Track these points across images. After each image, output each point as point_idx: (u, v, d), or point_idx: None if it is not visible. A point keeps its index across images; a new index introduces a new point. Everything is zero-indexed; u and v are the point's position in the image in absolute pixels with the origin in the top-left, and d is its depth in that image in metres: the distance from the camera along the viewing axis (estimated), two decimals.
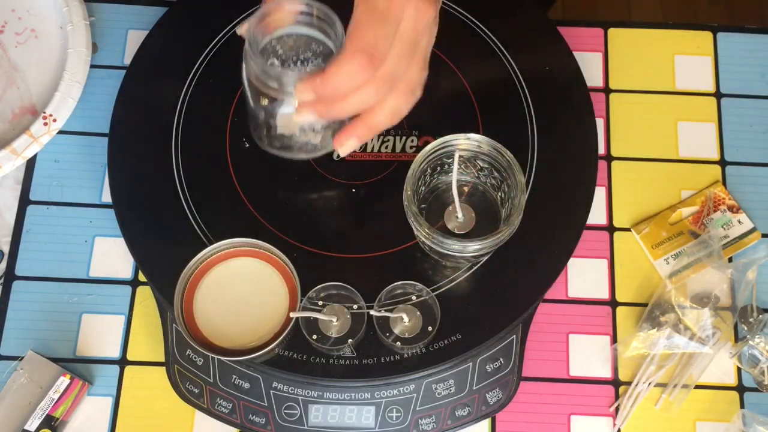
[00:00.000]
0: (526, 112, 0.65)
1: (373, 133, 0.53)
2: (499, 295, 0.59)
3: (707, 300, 0.62)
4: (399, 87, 0.51)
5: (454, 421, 0.58)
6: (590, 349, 0.62)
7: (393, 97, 0.51)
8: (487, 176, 0.59)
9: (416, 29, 0.50)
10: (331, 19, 0.52)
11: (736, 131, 0.69)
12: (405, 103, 0.53)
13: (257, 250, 0.57)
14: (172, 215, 0.61)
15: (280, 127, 0.57)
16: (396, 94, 0.51)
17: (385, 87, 0.50)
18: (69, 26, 0.67)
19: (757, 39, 0.72)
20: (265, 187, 0.62)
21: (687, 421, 0.60)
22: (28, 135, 0.63)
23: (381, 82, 0.49)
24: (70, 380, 0.57)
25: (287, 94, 0.52)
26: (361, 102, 0.50)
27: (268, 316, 0.55)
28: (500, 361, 0.59)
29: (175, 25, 0.68)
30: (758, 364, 0.61)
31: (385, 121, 0.53)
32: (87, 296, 0.63)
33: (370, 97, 0.50)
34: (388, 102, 0.52)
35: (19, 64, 0.67)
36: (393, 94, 0.51)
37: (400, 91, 0.52)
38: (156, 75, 0.66)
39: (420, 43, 0.51)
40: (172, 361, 0.60)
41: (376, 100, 0.50)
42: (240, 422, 0.58)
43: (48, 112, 0.64)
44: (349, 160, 0.63)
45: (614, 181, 0.67)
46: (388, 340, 0.56)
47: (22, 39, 0.68)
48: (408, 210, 0.55)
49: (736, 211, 0.65)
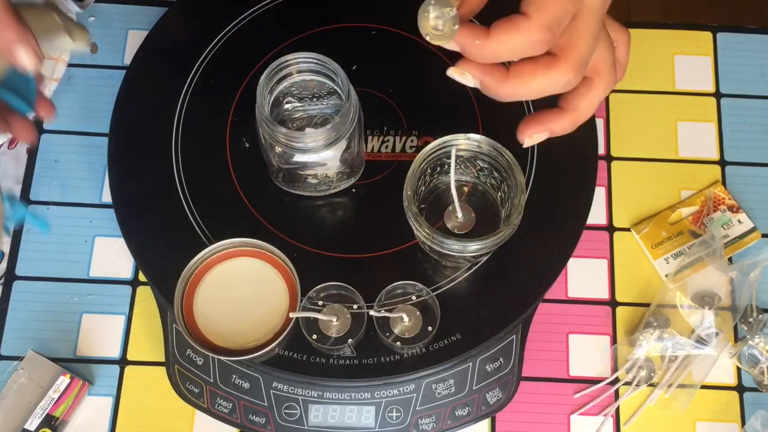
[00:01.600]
0: (526, 112, 0.65)
1: (573, 127, 0.47)
2: (499, 295, 0.59)
3: (708, 300, 0.62)
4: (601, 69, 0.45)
5: (454, 421, 0.58)
6: (590, 349, 0.62)
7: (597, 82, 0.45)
8: (487, 176, 0.59)
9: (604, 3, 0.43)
10: (335, 71, 0.54)
11: (736, 131, 0.69)
12: (605, 89, 0.46)
13: (257, 250, 0.57)
14: (172, 215, 0.61)
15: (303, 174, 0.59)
16: (600, 79, 0.45)
17: (581, 72, 0.43)
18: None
19: (757, 39, 0.72)
20: (265, 187, 0.62)
21: (687, 421, 0.60)
22: (48, 58, 0.63)
23: (575, 66, 0.43)
24: (70, 380, 0.58)
25: (298, 150, 0.54)
26: (549, 88, 0.44)
27: (268, 316, 0.55)
28: (500, 361, 0.59)
29: (175, 25, 0.68)
30: (758, 364, 0.61)
31: (589, 110, 0.46)
32: (87, 296, 0.63)
33: (560, 84, 0.43)
34: (594, 89, 0.45)
35: None
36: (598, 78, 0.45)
37: (604, 74, 0.45)
38: (156, 75, 0.66)
39: (603, 16, 0.44)
40: (172, 361, 0.60)
41: (567, 88, 0.44)
42: (240, 422, 0.58)
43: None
44: None
45: (614, 181, 0.67)
46: (388, 340, 0.56)
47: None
48: (408, 210, 0.55)
49: (736, 210, 0.65)
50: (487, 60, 0.43)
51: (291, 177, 0.60)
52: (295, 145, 0.54)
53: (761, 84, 0.70)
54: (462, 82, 0.45)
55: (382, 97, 0.65)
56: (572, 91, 0.45)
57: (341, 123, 0.54)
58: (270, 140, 0.55)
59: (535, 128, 0.46)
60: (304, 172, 0.58)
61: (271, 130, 0.53)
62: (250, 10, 0.68)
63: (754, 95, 0.70)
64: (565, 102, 0.46)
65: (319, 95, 0.58)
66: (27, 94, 0.52)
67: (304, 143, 0.54)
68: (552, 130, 0.47)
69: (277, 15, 0.68)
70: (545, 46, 0.42)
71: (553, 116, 0.46)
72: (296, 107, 0.59)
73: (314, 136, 0.53)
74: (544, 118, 0.46)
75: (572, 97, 0.46)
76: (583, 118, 0.46)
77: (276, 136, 0.53)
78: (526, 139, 0.47)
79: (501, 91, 0.44)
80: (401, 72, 0.66)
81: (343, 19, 0.68)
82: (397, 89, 0.65)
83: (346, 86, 0.54)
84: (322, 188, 0.61)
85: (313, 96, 0.58)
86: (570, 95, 0.46)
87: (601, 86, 0.45)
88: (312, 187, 0.61)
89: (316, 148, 0.54)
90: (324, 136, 0.54)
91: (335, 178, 0.60)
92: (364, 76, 0.64)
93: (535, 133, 0.47)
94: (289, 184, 0.61)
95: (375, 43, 0.67)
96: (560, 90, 0.44)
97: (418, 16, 0.41)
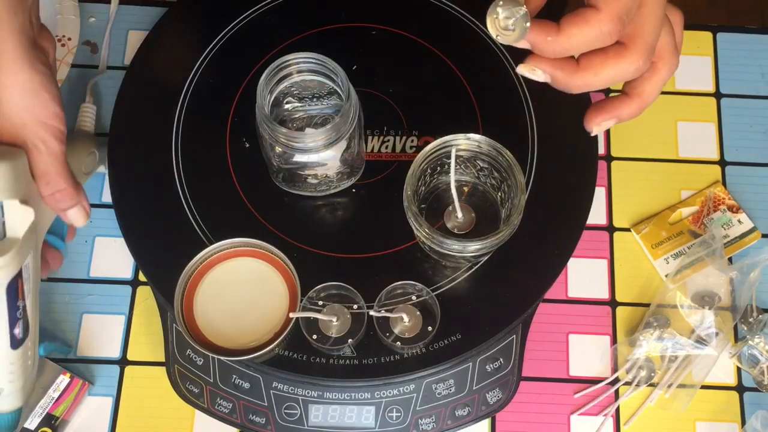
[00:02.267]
0: (526, 112, 0.65)
1: (640, 112, 0.48)
2: (499, 295, 0.59)
3: (708, 300, 0.62)
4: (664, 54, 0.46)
5: (454, 421, 0.58)
6: (590, 349, 0.62)
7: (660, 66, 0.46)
8: (487, 176, 0.59)
9: None
10: (335, 71, 0.54)
11: (736, 131, 0.69)
12: (669, 72, 0.47)
13: (257, 250, 0.57)
14: (172, 215, 0.61)
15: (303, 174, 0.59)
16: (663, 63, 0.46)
17: (649, 58, 0.44)
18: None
19: (757, 39, 0.72)
20: (265, 187, 0.62)
21: (687, 421, 0.60)
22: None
23: (644, 53, 0.43)
24: (70, 379, 0.58)
25: (298, 150, 0.54)
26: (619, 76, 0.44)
27: (268, 316, 0.55)
28: (500, 361, 0.59)
29: (175, 25, 0.68)
30: (758, 364, 0.61)
31: (654, 94, 0.47)
32: (87, 296, 0.63)
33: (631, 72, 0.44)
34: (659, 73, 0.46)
35: None
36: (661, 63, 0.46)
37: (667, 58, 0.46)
38: (156, 75, 0.66)
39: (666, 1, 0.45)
40: (172, 361, 0.60)
41: (637, 75, 0.45)
42: (240, 422, 0.58)
43: (59, 34, 0.66)
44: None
45: (614, 181, 0.67)
46: (388, 340, 0.56)
47: None
48: (408, 210, 0.55)
49: (736, 210, 0.65)
50: (558, 55, 0.43)
51: (291, 177, 0.60)
52: (295, 145, 0.54)
53: (761, 84, 0.70)
54: (532, 78, 0.45)
55: (382, 97, 0.65)
56: (638, 77, 0.46)
57: (341, 123, 0.54)
58: (270, 140, 0.55)
59: (604, 116, 0.48)
60: (304, 172, 0.58)
61: (271, 130, 0.53)
62: (250, 10, 0.68)
63: (754, 95, 0.70)
64: (630, 88, 0.47)
65: (319, 95, 0.58)
66: (61, 232, 0.60)
67: (304, 143, 0.54)
68: (620, 117, 0.48)
69: (277, 15, 0.68)
70: (616, 36, 0.42)
71: (620, 103, 0.47)
72: (296, 107, 0.59)
73: (314, 136, 0.53)
74: (612, 105, 0.47)
75: (638, 83, 0.47)
76: (649, 103, 0.47)
77: (276, 136, 0.53)
78: (595, 126, 0.48)
79: (572, 83, 0.44)
80: (401, 72, 0.66)
81: (343, 19, 0.68)
82: (397, 89, 0.65)
83: (346, 86, 0.54)
84: (322, 188, 0.61)
85: (313, 96, 0.58)
86: (636, 81, 0.47)
87: (665, 70, 0.46)
88: (312, 187, 0.61)
89: (316, 148, 0.54)
90: (324, 136, 0.54)
91: (335, 178, 0.60)
92: (364, 76, 0.64)
93: (603, 121, 0.48)
94: (289, 184, 0.61)
95: (375, 43, 0.67)
96: (630, 78, 0.45)
97: (487, 17, 0.41)
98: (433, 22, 0.67)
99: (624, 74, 0.44)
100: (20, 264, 0.49)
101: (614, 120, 0.48)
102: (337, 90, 0.57)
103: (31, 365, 0.53)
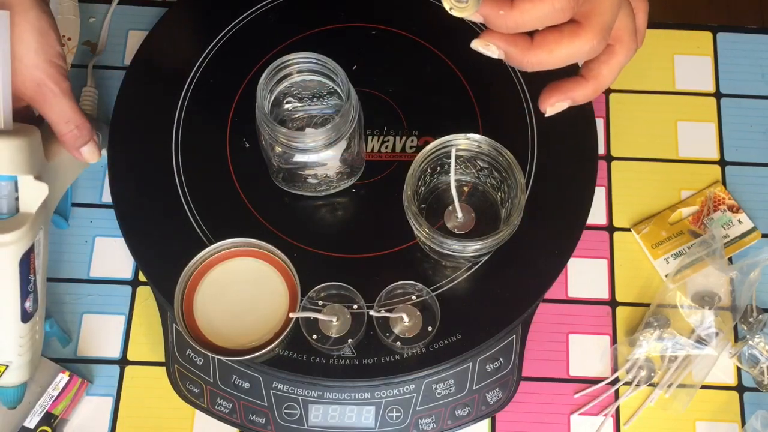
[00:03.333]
0: (526, 112, 0.65)
1: (596, 95, 0.47)
2: (499, 295, 0.59)
3: (708, 300, 0.62)
4: (622, 37, 0.45)
5: (454, 421, 0.58)
6: (590, 349, 0.62)
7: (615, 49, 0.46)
8: (487, 176, 0.59)
9: None
10: (335, 71, 0.54)
11: (736, 131, 0.69)
12: (627, 56, 0.46)
13: (257, 250, 0.57)
14: (172, 215, 0.61)
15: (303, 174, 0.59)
16: (621, 46, 0.45)
17: (605, 39, 0.44)
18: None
19: (757, 39, 0.72)
20: (265, 187, 0.62)
21: (687, 421, 0.60)
22: None
23: (599, 33, 0.43)
24: (69, 377, 0.58)
25: (298, 150, 0.54)
26: (573, 56, 0.44)
27: (268, 316, 0.55)
28: (500, 361, 0.59)
29: (175, 25, 0.68)
30: (758, 364, 0.61)
31: (611, 78, 0.46)
32: (87, 296, 0.63)
33: (585, 52, 0.43)
34: (616, 56, 0.46)
35: None
36: (619, 45, 0.46)
37: (625, 41, 0.45)
38: (156, 75, 0.66)
39: None
40: (172, 361, 0.60)
41: (592, 55, 0.44)
42: (240, 422, 0.58)
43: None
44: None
45: (614, 181, 0.67)
46: (388, 340, 0.56)
47: None
48: (408, 210, 0.55)
49: (736, 210, 0.65)
50: (511, 30, 0.43)
51: (291, 177, 0.60)
52: (295, 145, 0.54)
53: (761, 84, 0.70)
54: (486, 53, 0.44)
55: (382, 97, 0.65)
56: (594, 58, 0.45)
57: (341, 123, 0.54)
58: (270, 140, 0.55)
59: (558, 96, 0.47)
60: (304, 172, 0.58)
61: (271, 129, 0.53)
62: (250, 10, 0.68)
63: (754, 95, 0.70)
64: (586, 70, 0.46)
65: (319, 95, 0.58)
66: (65, 213, 0.63)
67: (304, 143, 0.54)
68: (574, 99, 0.47)
69: (277, 15, 0.68)
70: (569, 13, 0.42)
71: (575, 84, 0.47)
72: (296, 107, 0.59)
73: (314, 136, 0.53)
74: (566, 86, 0.47)
75: (594, 65, 0.46)
76: (604, 86, 0.46)
77: (276, 136, 0.53)
78: (548, 107, 0.47)
79: (525, 60, 0.44)
80: (401, 72, 0.66)
81: (343, 19, 0.68)
82: (397, 89, 0.65)
83: (346, 86, 0.54)
84: (322, 188, 0.61)
85: (313, 96, 0.58)
86: (592, 63, 0.46)
87: (622, 53, 0.46)
88: (312, 187, 0.61)
89: (316, 148, 0.54)
90: (324, 136, 0.54)
91: (335, 178, 0.60)
92: (364, 76, 0.64)
93: (557, 102, 0.47)
94: (289, 184, 0.61)
95: (375, 43, 0.67)
96: (585, 58, 0.44)
97: None
98: (433, 22, 0.67)
99: (578, 53, 0.43)
100: (33, 239, 0.51)
101: (568, 101, 0.47)
102: (337, 90, 0.57)
103: (38, 339, 0.55)
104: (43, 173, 0.51)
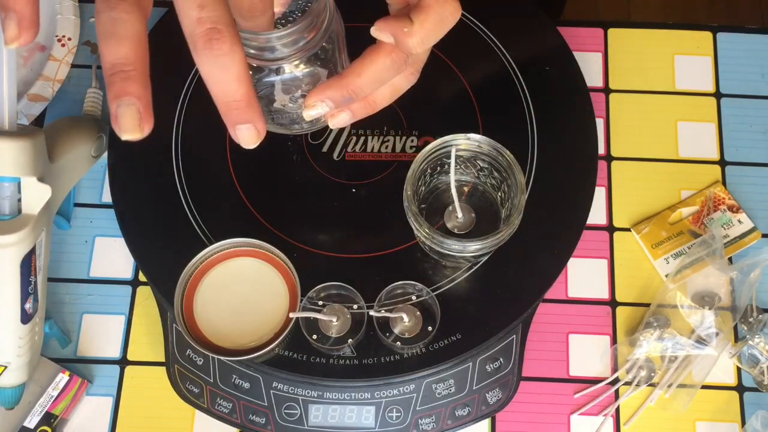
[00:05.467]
0: (526, 112, 0.65)
1: (371, 111, 0.50)
2: (499, 295, 0.59)
3: (708, 300, 0.62)
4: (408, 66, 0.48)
5: (454, 421, 0.58)
6: (590, 349, 0.62)
7: (399, 75, 0.49)
8: (487, 176, 0.59)
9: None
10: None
11: (736, 131, 0.69)
12: (407, 82, 0.50)
13: (257, 250, 0.57)
14: (172, 215, 0.61)
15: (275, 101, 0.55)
16: (403, 73, 0.49)
17: (403, 66, 0.47)
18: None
19: (757, 39, 0.72)
20: (265, 187, 0.62)
21: (687, 421, 0.60)
22: (53, 60, 0.67)
23: (402, 61, 0.47)
24: (69, 377, 0.58)
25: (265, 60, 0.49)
26: (380, 82, 0.47)
27: (268, 316, 0.55)
28: (500, 361, 0.59)
29: (175, 25, 0.68)
30: (758, 364, 0.61)
31: (388, 100, 0.50)
32: (87, 296, 0.63)
33: (389, 76, 0.47)
34: (394, 80, 0.49)
35: None
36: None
37: (407, 71, 0.49)
38: (156, 75, 0.66)
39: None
40: (172, 361, 0.60)
41: (390, 79, 0.48)
42: (240, 422, 0.58)
43: (59, 34, 0.67)
44: (348, 159, 0.63)
45: (614, 181, 0.67)
46: (388, 340, 0.56)
47: None
48: (408, 210, 0.55)
49: (736, 210, 0.65)
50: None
51: (267, 108, 0.55)
52: (259, 47, 0.48)
53: (761, 84, 0.70)
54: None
55: None
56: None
57: (310, 23, 0.48)
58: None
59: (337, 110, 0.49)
60: (278, 97, 0.54)
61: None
62: None
63: (754, 95, 0.70)
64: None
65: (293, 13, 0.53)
66: (68, 214, 0.64)
67: (269, 42, 0.48)
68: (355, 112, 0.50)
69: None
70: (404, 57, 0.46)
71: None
72: None
73: (280, 36, 0.47)
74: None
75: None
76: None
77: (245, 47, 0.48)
78: (330, 119, 0.49)
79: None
80: None
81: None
82: None
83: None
84: (305, 125, 0.57)
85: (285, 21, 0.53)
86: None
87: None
88: (290, 120, 0.56)
89: (285, 54, 0.49)
90: (291, 38, 0.48)
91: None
92: None
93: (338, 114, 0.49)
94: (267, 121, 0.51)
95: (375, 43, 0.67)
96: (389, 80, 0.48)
97: None
98: None
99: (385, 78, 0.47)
100: (35, 240, 0.51)
101: (350, 116, 0.49)
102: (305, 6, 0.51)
103: (37, 341, 0.55)
104: (47, 175, 0.51)
